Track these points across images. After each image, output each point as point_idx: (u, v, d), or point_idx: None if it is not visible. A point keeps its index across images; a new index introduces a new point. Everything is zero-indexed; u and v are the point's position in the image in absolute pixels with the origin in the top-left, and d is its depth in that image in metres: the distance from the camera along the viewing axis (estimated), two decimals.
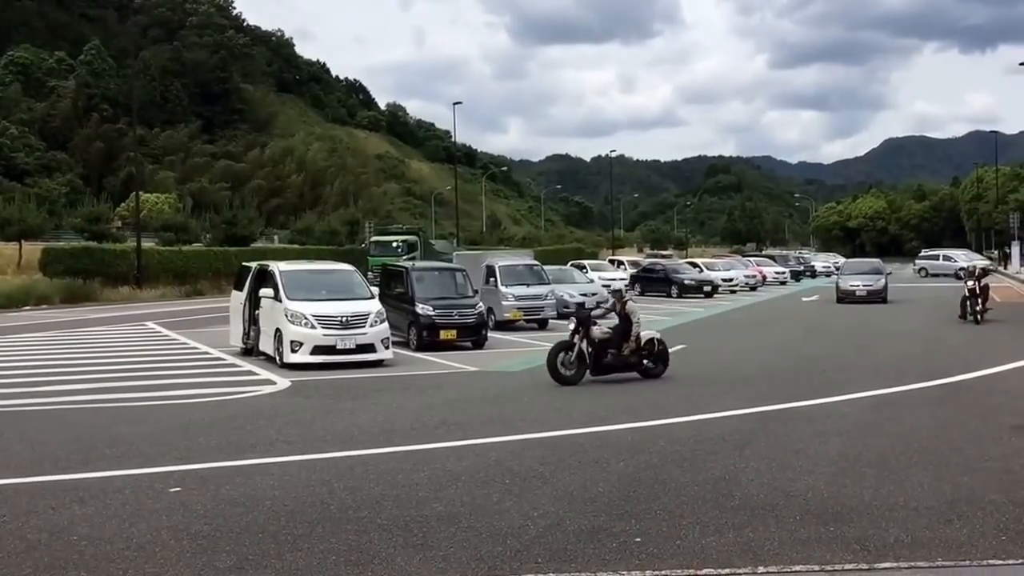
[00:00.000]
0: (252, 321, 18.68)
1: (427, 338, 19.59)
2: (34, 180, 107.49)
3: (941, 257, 63.67)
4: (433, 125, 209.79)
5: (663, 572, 5.76)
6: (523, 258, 31.13)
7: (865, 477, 8.18)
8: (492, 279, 25.27)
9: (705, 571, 5.77)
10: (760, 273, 50.52)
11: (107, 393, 13.76)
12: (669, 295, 39.55)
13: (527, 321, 24.89)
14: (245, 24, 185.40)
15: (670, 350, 15.56)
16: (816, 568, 5.85)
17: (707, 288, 40.20)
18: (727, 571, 5.77)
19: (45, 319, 29.72)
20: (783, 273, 55.37)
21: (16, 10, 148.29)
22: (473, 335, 20.07)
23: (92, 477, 8.38)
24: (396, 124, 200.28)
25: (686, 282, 40.44)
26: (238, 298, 19.44)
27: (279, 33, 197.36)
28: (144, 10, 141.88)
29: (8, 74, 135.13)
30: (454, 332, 19.78)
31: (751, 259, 58.57)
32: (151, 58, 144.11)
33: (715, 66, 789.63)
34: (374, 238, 58.73)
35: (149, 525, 6.80)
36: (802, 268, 62.00)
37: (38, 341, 22.41)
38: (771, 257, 64.10)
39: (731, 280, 45.40)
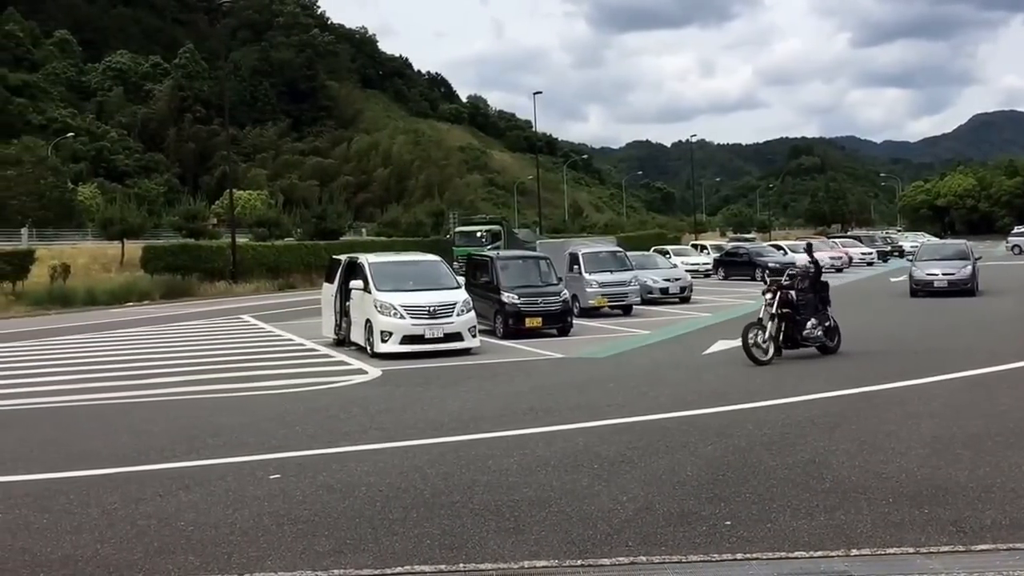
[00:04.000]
0: (343, 312, 19.07)
1: (513, 326, 19.75)
2: (134, 181, 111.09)
3: None
4: (514, 116, 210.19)
5: (753, 555, 5.76)
6: (606, 245, 31.07)
7: (959, 458, 8.03)
8: (576, 266, 25.30)
9: (796, 554, 5.76)
10: (846, 254, 49.51)
11: (207, 385, 14.24)
12: (753, 278, 38.96)
13: (611, 307, 24.87)
14: (329, 23, 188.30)
15: None
16: (911, 550, 5.78)
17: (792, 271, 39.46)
18: (819, 554, 5.75)
19: (147, 314, 30.76)
20: (870, 254, 54.14)
21: (113, 17, 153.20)
22: (558, 322, 20.15)
23: (196, 465, 8.69)
24: (478, 116, 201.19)
25: (770, 265, 39.80)
26: (329, 290, 19.87)
27: (362, 30, 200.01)
28: (233, 13, 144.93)
29: (107, 79, 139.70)
30: (539, 320, 19.88)
31: (836, 240, 57.38)
32: (240, 59, 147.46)
33: (796, 47, 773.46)
34: (458, 229, 59.24)
35: (251, 511, 7.01)
36: (889, 248, 60.49)
37: (141, 336, 23.23)
38: (857, 238, 62.68)
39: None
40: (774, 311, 14.64)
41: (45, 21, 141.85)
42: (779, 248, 45.70)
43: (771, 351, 14.43)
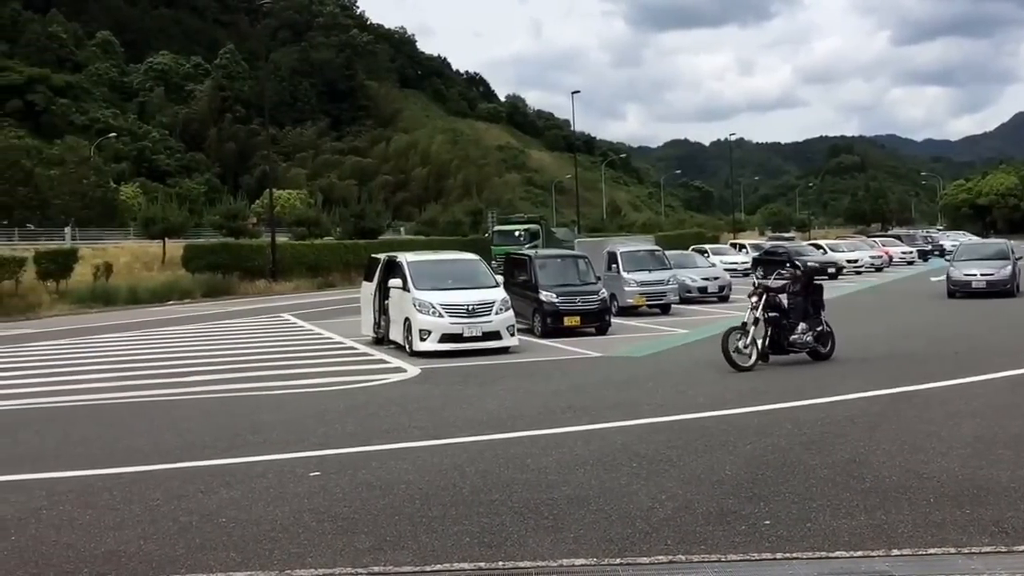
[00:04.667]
0: (382, 311, 19.17)
1: (551, 325, 19.75)
2: (175, 180, 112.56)
3: None
4: (552, 115, 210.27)
5: (793, 555, 5.73)
6: (644, 244, 30.96)
7: (1002, 459, 7.92)
8: (614, 265, 25.24)
9: (837, 554, 5.71)
10: (886, 253, 49.04)
11: (248, 382, 14.38)
12: None
13: (650, 306, 24.78)
14: (368, 23, 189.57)
15: None
16: (952, 551, 5.72)
17: (831, 270, 39.18)
18: (860, 554, 5.70)
19: (188, 312, 31.12)
20: (910, 253, 53.53)
21: (155, 19, 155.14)
22: (596, 321, 20.12)
23: (237, 462, 8.77)
24: (516, 115, 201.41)
25: (810, 264, 39.49)
26: (368, 289, 19.98)
27: (401, 30, 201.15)
28: (273, 13, 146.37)
29: (149, 80, 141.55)
30: (578, 318, 19.87)
31: (876, 239, 56.81)
32: (280, 59, 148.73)
33: (835, 45, 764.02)
34: (497, 227, 59.28)
35: (292, 508, 7.07)
36: (930, 247, 59.70)
37: (183, 334, 23.50)
38: (897, 237, 61.98)
39: (856, 261, 44.19)
40: (758, 315, 14.04)
41: (88, 23, 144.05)
42: (818, 247, 45.33)
43: (754, 356, 13.80)
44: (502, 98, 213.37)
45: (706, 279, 29.02)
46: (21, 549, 6.28)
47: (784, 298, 14.46)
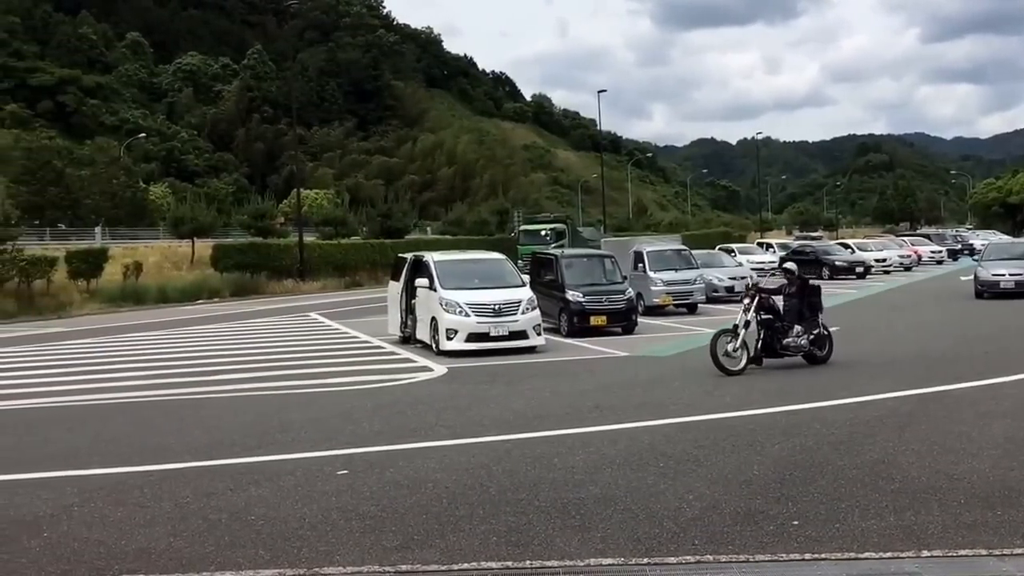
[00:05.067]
0: (409, 310, 19.23)
1: (577, 324, 19.74)
2: (203, 180, 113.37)
3: None
4: (578, 114, 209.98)
5: (822, 555, 5.70)
6: (671, 243, 30.87)
7: None
8: (640, 265, 25.18)
9: (866, 555, 5.68)
10: (915, 253, 48.66)
11: (276, 381, 14.46)
12: (820, 277, 38.42)
13: (676, 306, 24.71)
14: (395, 23, 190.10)
15: None
16: (983, 552, 5.67)
17: (859, 269, 38.95)
18: (889, 555, 5.67)
19: (217, 311, 31.35)
20: (939, 252, 53.09)
21: (184, 20, 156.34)
22: (623, 320, 20.08)
23: (266, 460, 8.82)
24: (542, 114, 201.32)
25: (837, 263, 39.32)
26: (395, 288, 20.05)
27: (427, 30, 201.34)
28: (300, 14, 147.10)
29: (177, 80, 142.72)
30: (604, 318, 19.84)
31: (905, 238, 56.37)
32: (308, 60, 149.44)
33: (863, 43, 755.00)
34: (523, 227, 59.27)
35: (320, 506, 7.11)
36: (959, 247, 59.14)
37: (211, 333, 23.68)
38: (926, 236, 61.46)
39: (884, 260, 43.88)
40: (748, 317, 13.69)
41: (117, 24, 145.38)
42: (847, 246, 45.06)
43: (744, 360, 13.43)
44: (528, 98, 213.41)
45: (733, 278, 28.88)
46: (53, 546, 6.35)
47: (779, 300, 14.21)
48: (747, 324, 13.70)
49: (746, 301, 14.06)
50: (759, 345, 13.83)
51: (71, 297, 33.99)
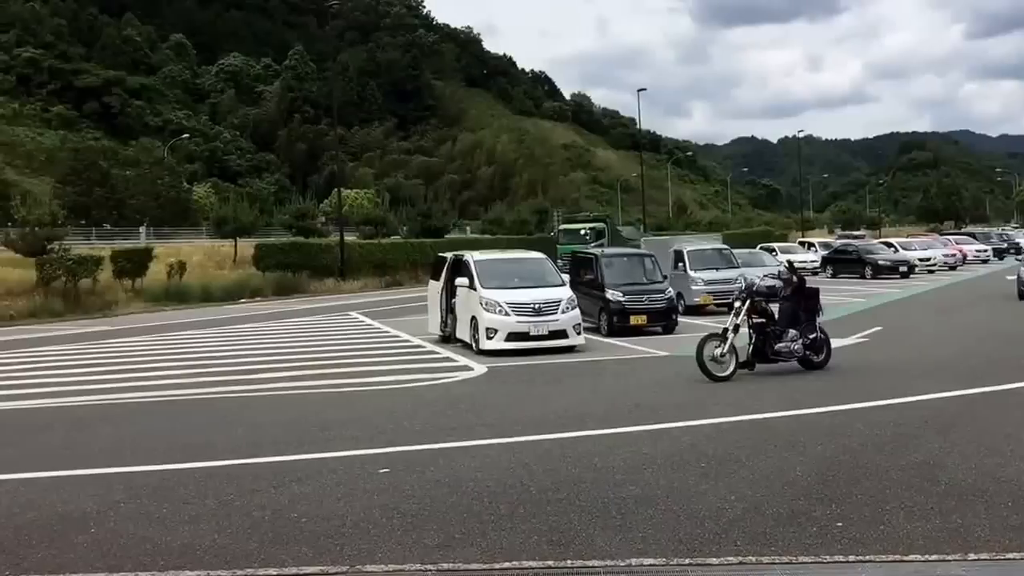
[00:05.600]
0: (449, 309, 19.27)
1: (617, 324, 19.67)
2: (246, 180, 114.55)
3: None
4: (618, 113, 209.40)
5: (866, 558, 5.64)
6: (711, 242, 30.68)
7: None
8: (681, 264, 25.05)
9: (911, 557, 5.61)
10: (960, 252, 47.98)
11: (317, 380, 14.55)
12: (863, 276, 38.11)
13: (717, 306, 24.49)
14: (435, 23, 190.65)
15: (865, 332, 15.00)
16: None
17: (903, 268, 38.44)
18: (935, 557, 5.60)
19: (259, 310, 31.64)
20: (985, 251, 52.30)
21: (226, 21, 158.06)
22: (663, 320, 19.99)
23: (308, 458, 8.88)
24: (581, 113, 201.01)
25: (880, 262, 38.86)
26: (435, 287, 20.11)
27: (467, 30, 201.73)
28: (341, 15, 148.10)
29: (220, 81, 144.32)
30: (644, 317, 19.75)
31: (950, 237, 55.58)
32: (348, 60, 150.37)
33: (907, 39, 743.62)
34: (562, 226, 59.20)
35: (362, 504, 7.14)
36: (1005, 246, 58.17)
37: (254, 331, 23.90)
38: (971, 235, 60.52)
39: (928, 260, 43.28)
40: (738, 321, 13.15)
41: (161, 25, 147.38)
42: (890, 245, 44.53)
43: (732, 366, 12.89)
44: (567, 96, 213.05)
45: (774, 278, 28.59)
46: (100, 541, 6.45)
47: (771, 303, 13.65)
48: (736, 328, 13.11)
49: (737, 304, 13.55)
50: (750, 350, 13.36)
51: (116, 296, 34.47)
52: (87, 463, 9.00)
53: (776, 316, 13.62)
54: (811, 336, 13.57)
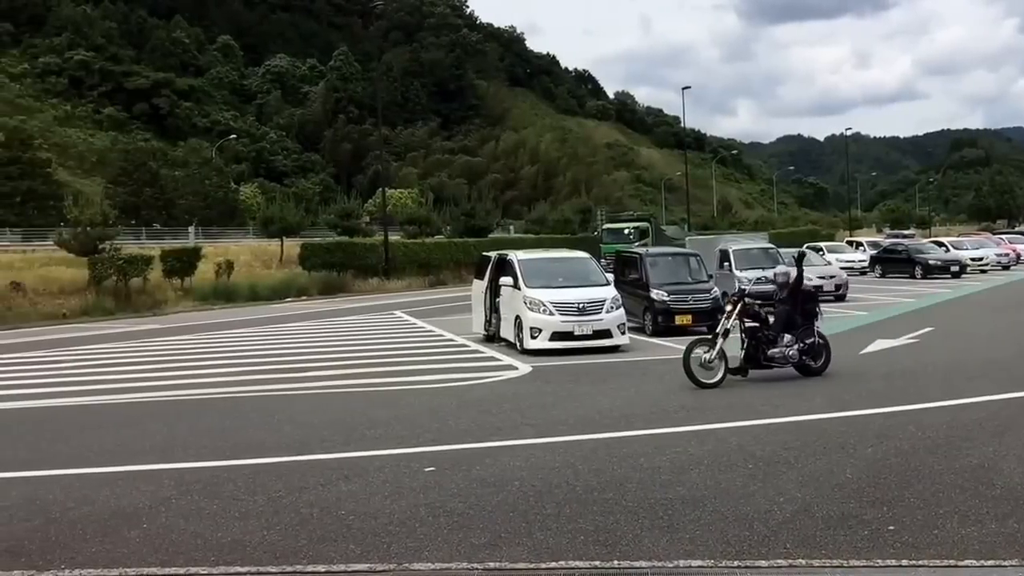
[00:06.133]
0: (493, 309, 19.28)
1: (662, 323, 19.57)
2: (291, 180, 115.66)
3: None
4: (662, 111, 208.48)
5: (920, 562, 5.55)
6: (757, 241, 30.40)
7: None
8: (726, 263, 24.87)
9: (966, 562, 5.51)
10: (1013, 251, 47.08)
11: (362, 378, 14.65)
12: (912, 276, 37.55)
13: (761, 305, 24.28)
14: (478, 22, 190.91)
15: (916, 333, 14.75)
16: None
17: (954, 268, 37.81)
18: (991, 563, 5.49)
19: (305, 309, 31.93)
20: None
21: (272, 23, 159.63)
22: (708, 320, 19.73)
23: (354, 456, 8.94)
24: (625, 112, 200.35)
25: (931, 262, 38.26)
26: (479, 287, 20.13)
27: (510, 29, 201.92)
28: (385, 15, 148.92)
29: (266, 82, 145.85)
30: (689, 317, 19.61)
31: (1002, 236, 54.56)
32: (392, 60, 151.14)
33: (958, 35, 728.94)
34: (606, 225, 58.99)
35: (408, 502, 7.17)
36: None
37: (300, 330, 24.12)
38: None
39: (981, 259, 42.56)
40: (729, 325, 12.74)
41: (209, 27, 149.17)
42: (941, 244, 43.84)
43: (720, 372, 12.42)
44: (611, 95, 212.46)
45: (822, 277, 28.28)
46: (152, 536, 6.54)
47: (764, 306, 13.22)
48: (727, 333, 12.70)
49: (728, 307, 13.11)
50: (743, 355, 13.00)
51: (166, 295, 35.02)
52: (138, 459, 9.14)
53: (771, 320, 13.15)
54: (808, 341, 13.11)
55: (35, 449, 10.08)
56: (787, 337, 12.97)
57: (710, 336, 12.80)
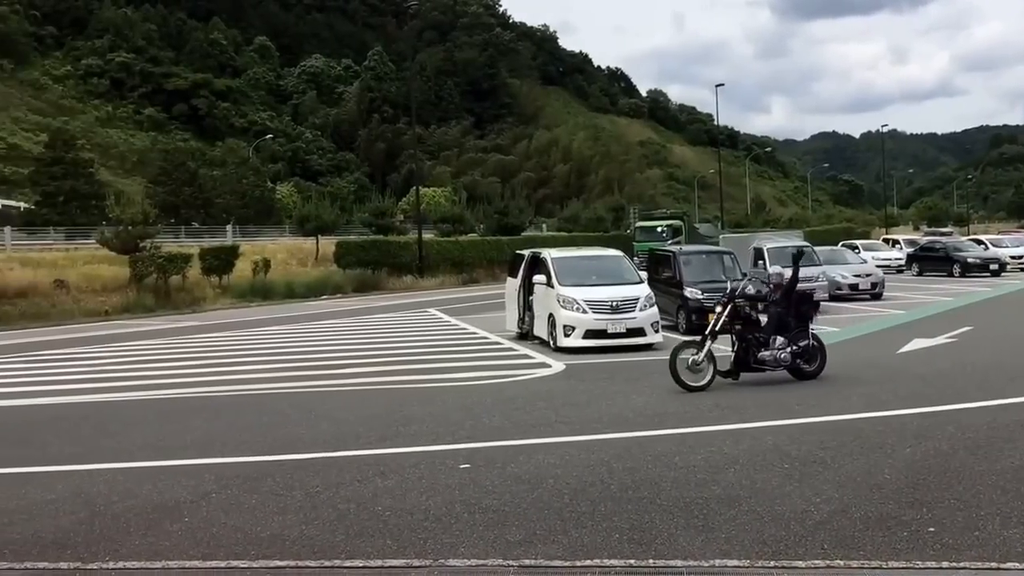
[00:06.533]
0: (526, 307, 19.32)
1: (696, 321, 19.42)
2: (327, 179, 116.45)
3: None
4: (695, 109, 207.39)
5: (961, 564, 5.49)
6: (792, 239, 30.20)
7: None
8: (761, 261, 24.72)
9: (1009, 565, 5.44)
10: None
11: (397, 375, 14.75)
12: (950, 274, 37.11)
13: None
14: (511, 21, 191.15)
15: (954, 332, 14.58)
16: None
17: (993, 266, 37.32)
18: None
19: (340, 307, 32.14)
20: None
21: (308, 23, 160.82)
22: None
23: (390, 452, 9.01)
24: (657, 110, 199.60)
25: (969, 260, 37.79)
26: (513, 285, 20.17)
27: (543, 28, 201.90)
28: (419, 15, 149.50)
29: (302, 83, 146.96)
30: None
31: None
32: (426, 60, 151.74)
33: (997, 29, 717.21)
34: (639, 223, 58.77)
35: (444, 499, 7.21)
36: None
37: (336, 327, 24.29)
38: None
39: (1021, 257, 41.97)
40: (717, 327, 12.45)
41: (246, 29, 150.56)
42: (980, 242, 43.28)
43: (708, 375, 12.15)
44: (643, 93, 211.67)
45: (857, 276, 28.08)
46: (193, 530, 6.64)
47: (756, 308, 12.89)
48: (715, 335, 12.46)
49: (718, 309, 12.71)
50: (733, 358, 12.73)
51: (204, 292, 35.43)
52: (180, 454, 9.27)
53: (763, 322, 12.85)
54: (801, 344, 12.73)
55: (80, 443, 10.26)
56: (779, 340, 12.65)
57: (701, 338, 12.49)
